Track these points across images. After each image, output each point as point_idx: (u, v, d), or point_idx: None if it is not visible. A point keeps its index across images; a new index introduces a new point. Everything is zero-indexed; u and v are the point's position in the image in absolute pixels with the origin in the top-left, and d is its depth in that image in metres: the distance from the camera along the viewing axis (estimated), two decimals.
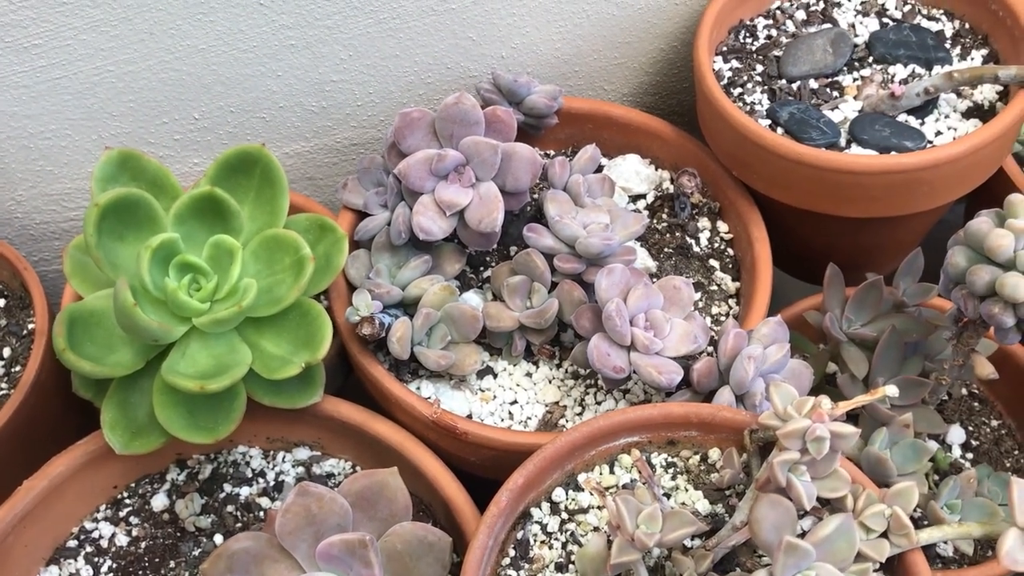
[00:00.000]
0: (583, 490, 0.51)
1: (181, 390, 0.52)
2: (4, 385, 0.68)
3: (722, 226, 0.69)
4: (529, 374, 0.63)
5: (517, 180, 0.60)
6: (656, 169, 0.72)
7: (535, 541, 0.50)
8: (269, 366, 0.55)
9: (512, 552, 0.49)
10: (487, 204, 0.60)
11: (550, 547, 0.50)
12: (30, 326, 0.71)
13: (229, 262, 0.55)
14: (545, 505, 0.51)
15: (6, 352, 0.70)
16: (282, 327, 0.57)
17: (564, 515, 0.51)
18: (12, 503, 0.57)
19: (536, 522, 0.50)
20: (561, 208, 0.62)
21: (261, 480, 0.63)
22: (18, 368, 0.69)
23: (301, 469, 0.63)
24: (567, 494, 0.51)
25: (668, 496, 0.51)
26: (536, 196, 0.67)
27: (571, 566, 0.49)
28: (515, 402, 0.62)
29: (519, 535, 0.50)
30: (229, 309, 0.52)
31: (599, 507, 0.51)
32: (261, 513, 0.61)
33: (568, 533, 0.50)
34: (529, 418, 0.61)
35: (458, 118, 0.59)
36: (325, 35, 0.69)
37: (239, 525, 0.61)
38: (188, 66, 0.69)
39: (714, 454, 0.52)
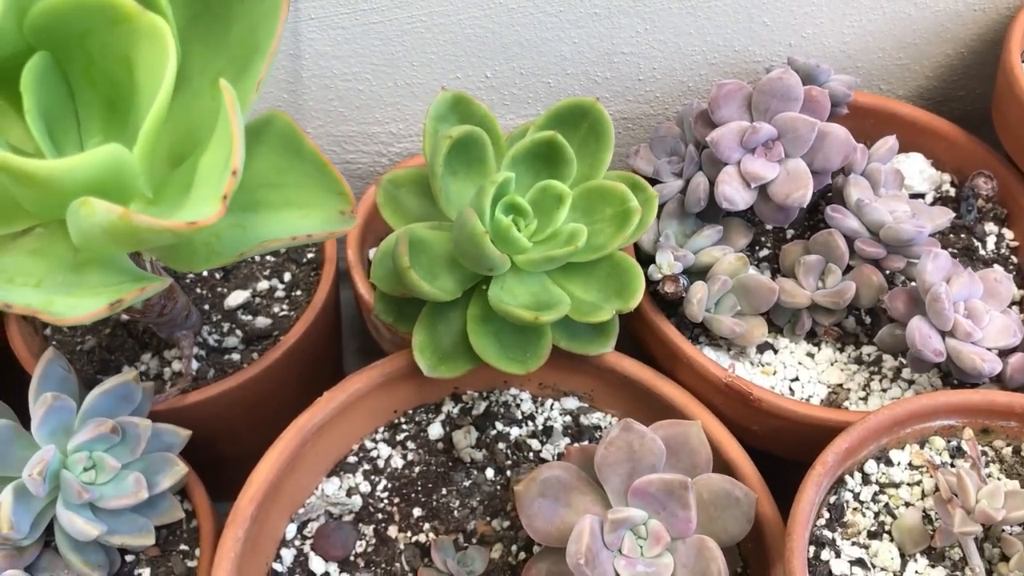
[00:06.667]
0: (894, 465, 0.52)
1: (513, 319, 0.54)
2: (286, 306, 0.72)
3: (1008, 233, 0.68)
4: (811, 354, 0.63)
5: (827, 160, 0.61)
6: (937, 170, 0.72)
7: (847, 507, 0.50)
8: (581, 310, 0.57)
9: (827, 514, 0.50)
10: (795, 180, 0.61)
11: (863, 515, 0.50)
12: (309, 255, 0.75)
13: (555, 207, 0.57)
14: (857, 475, 0.52)
15: (287, 277, 0.74)
16: (591, 275, 0.59)
17: (875, 487, 0.51)
18: (313, 412, 0.61)
19: (849, 490, 0.51)
20: (863, 194, 0.62)
21: (530, 423, 0.65)
22: (298, 292, 0.73)
23: (569, 418, 0.65)
24: (879, 467, 0.52)
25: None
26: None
27: (885, 535, 0.49)
28: (796, 379, 0.62)
29: (832, 499, 0.50)
30: (564, 248, 0.54)
31: (910, 484, 0.51)
32: (530, 454, 0.63)
33: (882, 504, 0.50)
34: (810, 396, 0.61)
35: (779, 93, 0.60)
36: (628, 6, 0.71)
37: (509, 462, 0.63)
38: (494, 24, 0.71)
39: None
